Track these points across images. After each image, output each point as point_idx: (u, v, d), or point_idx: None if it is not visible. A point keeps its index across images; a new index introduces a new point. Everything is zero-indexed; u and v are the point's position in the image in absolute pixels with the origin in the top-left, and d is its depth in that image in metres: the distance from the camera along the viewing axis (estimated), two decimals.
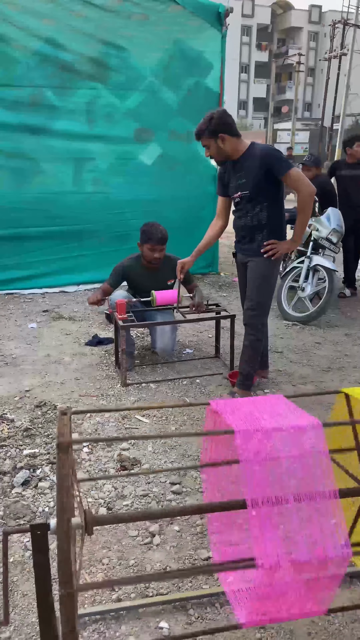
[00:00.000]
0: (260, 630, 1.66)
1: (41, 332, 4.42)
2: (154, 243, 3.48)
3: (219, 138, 2.84)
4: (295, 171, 2.77)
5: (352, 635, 1.64)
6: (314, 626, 1.67)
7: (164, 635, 1.64)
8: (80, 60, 5.47)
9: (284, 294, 4.85)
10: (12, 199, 5.55)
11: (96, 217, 5.89)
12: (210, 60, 5.93)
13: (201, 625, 1.68)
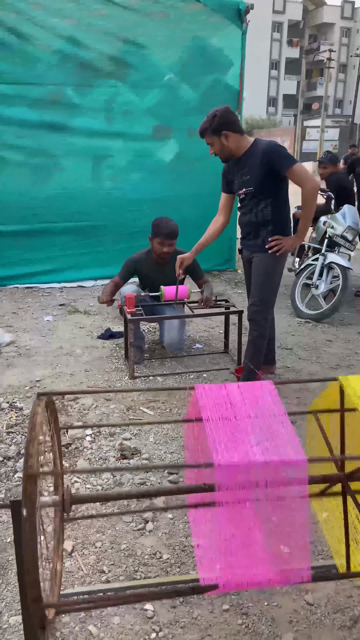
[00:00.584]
0: (243, 616, 1.70)
1: (56, 325, 4.52)
2: (163, 237, 3.53)
3: (222, 135, 2.87)
4: (298, 166, 2.77)
5: (332, 625, 1.66)
6: (295, 614, 1.70)
7: (148, 617, 1.70)
8: (99, 58, 5.55)
9: (298, 291, 4.84)
10: (32, 196, 5.68)
11: (114, 213, 5.97)
12: (230, 57, 5.94)
13: (185, 609, 1.72)
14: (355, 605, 1.73)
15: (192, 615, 1.70)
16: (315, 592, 1.78)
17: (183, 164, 6.08)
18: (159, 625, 1.66)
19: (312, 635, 1.62)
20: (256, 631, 1.64)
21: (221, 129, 2.87)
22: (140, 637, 1.62)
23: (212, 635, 1.63)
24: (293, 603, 1.74)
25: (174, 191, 6.07)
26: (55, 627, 1.65)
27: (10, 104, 5.40)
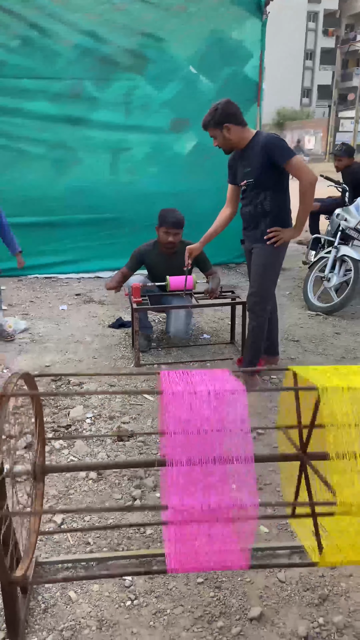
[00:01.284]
0: (215, 589, 1.77)
1: (70, 314, 4.66)
2: (168, 226, 3.60)
3: (224, 128, 2.92)
4: (296, 159, 2.80)
5: (301, 602, 1.72)
6: (266, 590, 1.77)
7: (126, 586, 1.79)
8: (118, 52, 5.64)
9: (311, 283, 4.85)
10: (52, 188, 5.83)
11: (132, 206, 6.06)
12: (249, 49, 5.93)
13: (162, 580, 1.81)
14: (326, 584, 1.79)
15: (167, 586, 1.79)
16: (289, 571, 1.84)
17: (200, 156, 6.11)
18: (135, 594, 1.76)
19: (279, 611, 1.69)
20: (226, 604, 1.72)
21: (223, 121, 2.92)
22: (116, 604, 1.72)
23: (183, 606, 1.71)
24: (265, 579, 1.81)
25: (192, 184, 6.12)
26: (37, 591, 1.76)
27: (32, 99, 5.55)
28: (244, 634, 1.61)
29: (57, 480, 2.35)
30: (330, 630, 1.62)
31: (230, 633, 1.61)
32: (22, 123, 5.57)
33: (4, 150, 5.58)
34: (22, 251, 4.11)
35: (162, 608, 1.70)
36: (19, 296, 5.18)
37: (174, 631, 1.62)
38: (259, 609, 1.68)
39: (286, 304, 5.02)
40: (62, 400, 3.07)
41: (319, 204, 5.58)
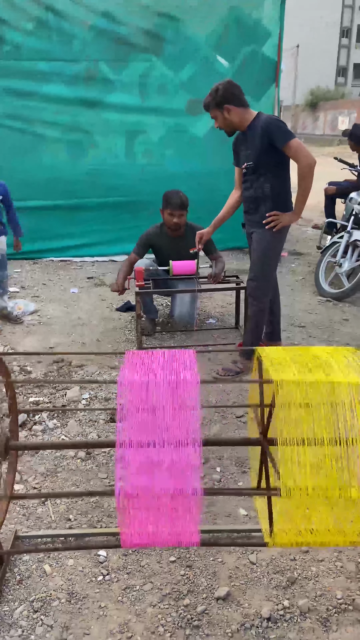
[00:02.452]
0: (186, 568, 1.81)
1: (80, 297, 4.72)
2: (173, 208, 3.60)
3: (224, 109, 2.88)
4: (295, 142, 2.74)
5: (269, 584, 1.74)
6: (236, 571, 1.79)
7: (100, 562, 1.84)
8: (134, 32, 5.57)
9: (322, 269, 4.77)
10: (68, 171, 5.85)
11: (148, 188, 6.02)
12: (268, 28, 5.77)
13: (135, 558, 1.86)
14: (296, 568, 1.80)
15: (140, 563, 1.83)
16: (260, 553, 1.86)
17: (217, 138, 5.97)
18: (108, 569, 1.81)
19: (246, 592, 1.71)
20: (195, 582, 1.75)
21: (224, 102, 2.89)
22: (89, 578, 1.77)
23: (153, 582, 1.75)
24: (237, 561, 1.83)
25: (208, 166, 6.05)
26: (15, 563, 1.83)
27: (48, 81, 5.56)
28: (208, 612, 1.64)
29: (47, 458, 2.42)
30: (294, 613, 1.63)
31: (195, 611, 1.64)
32: (38, 106, 5.59)
33: (20, 133, 5.62)
34: (22, 236, 4.14)
35: (132, 584, 1.75)
36: (32, 279, 5.27)
37: (140, 607, 1.66)
38: (226, 588, 1.70)
39: (298, 289, 4.96)
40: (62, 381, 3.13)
41: (335, 187, 5.46)
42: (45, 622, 1.61)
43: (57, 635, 1.57)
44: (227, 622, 1.61)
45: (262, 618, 1.61)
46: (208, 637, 1.56)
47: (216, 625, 1.60)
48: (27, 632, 1.58)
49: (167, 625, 1.60)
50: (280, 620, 1.61)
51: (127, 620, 1.62)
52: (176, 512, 1.32)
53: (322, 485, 1.23)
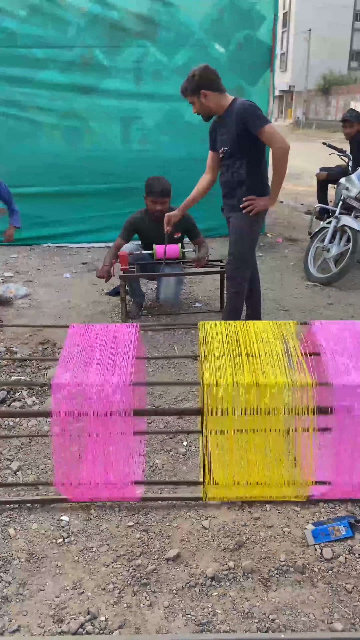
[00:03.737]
0: (142, 532, 1.91)
1: (72, 282, 4.82)
2: (155, 196, 3.66)
3: (201, 95, 2.93)
4: (269, 127, 2.79)
5: (218, 547, 1.83)
6: (189, 535, 1.89)
7: (61, 526, 1.95)
8: (128, 18, 5.60)
9: (311, 254, 4.81)
10: (64, 157, 5.93)
11: (144, 174, 5.99)
12: (262, 12, 5.76)
13: (95, 523, 1.96)
14: (246, 533, 1.89)
15: (99, 527, 1.94)
16: (213, 519, 1.96)
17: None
18: (68, 532, 1.91)
19: (195, 553, 1.81)
20: (149, 545, 1.85)
21: (200, 88, 2.93)
22: (50, 540, 1.88)
23: (109, 545, 1.85)
24: (190, 526, 1.93)
25: (204, 152, 6.02)
26: None
27: (43, 68, 5.62)
28: (157, 571, 1.74)
29: (23, 432, 2.53)
30: (238, 573, 1.73)
31: (145, 570, 1.74)
32: (33, 92, 5.66)
33: (16, 120, 5.70)
34: (19, 228, 4.22)
35: (90, 546, 1.85)
36: (27, 264, 5.37)
37: (94, 566, 1.77)
38: (176, 550, 1.80)
39: (288, 274, 5.01)
40: (45, 362, 3.24)
41: (326, 173, 5.47)
42: (4, 579, 1.72)
43: (13, 590, 1.68)
44: (174, 580, 1.71)
45: (206, 577, 1.71)
46: (154, 594, 1.66)
47: (163, 584, 1.70)
48: None
49: (117, 582, 1.70)
50: (224, 579, 1.71)
51: (80, 578, 1.72)
52: (114, 465, 1.42)
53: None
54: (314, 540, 1.83)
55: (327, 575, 1.72)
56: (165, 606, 1.62)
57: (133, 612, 1.61)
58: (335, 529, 1.86)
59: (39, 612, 1.61)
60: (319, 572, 1.73)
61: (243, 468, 1.44)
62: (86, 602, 1.64)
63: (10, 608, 1.63)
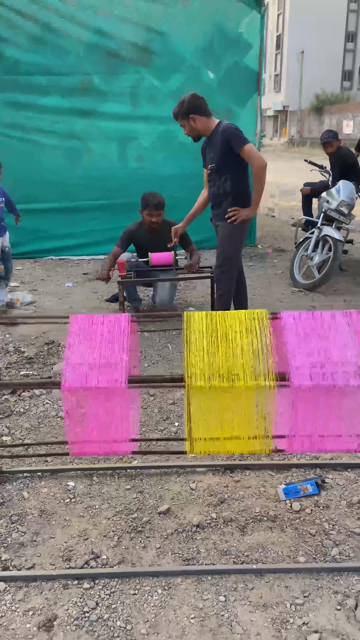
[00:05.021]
0: (138, 493, 2.21)
1: (74, 290, 5.15)
2: (151, 209, 4.02)
3: (190, 119, 3.29)
4: (248, 146, 3.15)
5: (203, 503, 2.13)
6: (178, 495, 2.19)
7: (68, 490, 2.25)
8: (125, 47, 6.02)
9: (297, 262, 5.15)
10: (66, 175, 6.31)
11: (140, 190, 6.40)
12: (249, 41, 6.20)
13: (97, 487, 2.26)
14: (227, 492, 2.19)
15: (101, 490, 2.24)
16: (200, 482, 2.26)
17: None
18: (74, 494, 2.21)
19: (184, 508, 2.11)
20: (143, 502, 2.15)
21: (189, 112, 3.29)
22: (58, 501, 2.18)
23: (109, 503, 2.15)
24: (180, 488, 2.23)
25: (196, 169, 6.41)
26: (0, 490, 2.24)
27: (45, 94, 6.03)
28: (150, 522, 2.04)
29: (32, 417, 2.83)
30: (219, 522, 2.03)
31: (141, 521, 2.04)
32: (36, 116, 6.06)
33: (20, 141, 6.09)
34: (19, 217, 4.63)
35: (93, 504, 2.15)
36: (32, 275, 5.72)
37: (97, 519, 2.07)
38: (167, 505, 2.10)
39: (275, 281, 5.35)
40: (50, 359, 3.55)
41: (309, 188, 5.85)
42: (20, 530, 2.02)
43: (28, 538, 1.98)
44: (165, 528, 2.01)
45: (192, 525, 2.01)
46: (148, 539, 1.96)
47: (155, 531, 2.00)
48: (4, 536, 1.99)
49: (116, 531, 2.00)
50: (207, 527, 2.01)
51: (85, 529, 2.02)
52: (113, 426, 1.73)
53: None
54: (285, 497, 2.14)
55: (294, 523, 2.02)
56: (157, 547, 1.92)
57: (130, 552, 1.90)
58: (304, 487, 2.17)
59: (50, 554, 1.91)
60: (288, 520, 2.03)
61: (218, 425, 1.75)
62: (90, 545, 1.94)
63: (26, 551, 1.92)
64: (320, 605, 1.68)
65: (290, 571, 1.79)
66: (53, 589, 1.76)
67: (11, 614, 1.68)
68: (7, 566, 1.86)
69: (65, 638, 1.59)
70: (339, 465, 2.35)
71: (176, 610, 1.67)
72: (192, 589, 1.74)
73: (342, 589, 1.74)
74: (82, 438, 1.77)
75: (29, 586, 1.77)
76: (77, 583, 1.77)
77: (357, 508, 2.10)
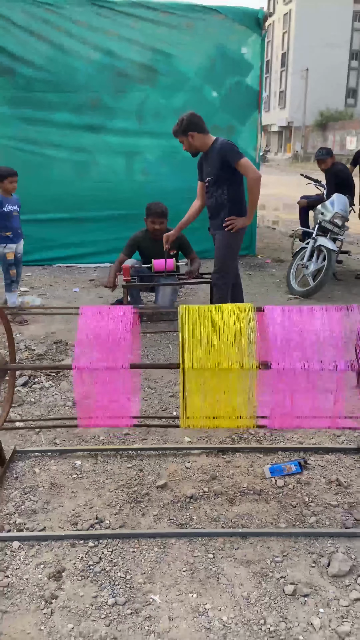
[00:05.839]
0: (139, 471, 2.44)
1: (80, 295, 5.42)
2: (154, 217, 4.30)
3: (188, 136, 3.57)
4: (244, 160, 3.42)
5: (196, 479, 2.37)
6: (174, 473, 2.42)
7: (75, 467, 2.49)
8: (132, 66, 6.36)
9: (293, 270, 5.41)
10: (74, 187, 6.62)
11: (146, 202, 6.73)
12: (250, 61, 6.53)
13: (102, 465, 2.50)
14: (219, 470, 2.43)
15: (105, 468, 2.48)
16: (194, 462, 2.49)
17: None
18: (81, 471, 2.45)
19: (179, 483, 2.35)
20: (143, 479, 2.39)
21: (187, 130, 3.58)
22: (66, 476, 2.42)
23: (112, 479, 2.39)
24: (176, 467, 2.47)
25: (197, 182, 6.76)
26: (12, 467, 2.48)
27: (56, 110, 6.35)
28: (149, 494, 2.28)
29: (42, 406, 3.08)
30: (210, 494, 2.26)
31: (140, 494, 2.28)
32: (47, 131, 6.38)
33: (31, 154, 6.40)
34: None
35: (97, 479, 2.39)
36: (40, 280, 5.99)
37: (101, 492, 2.30)
38: (164, 480, 2.34)
39: (273, 289, 5.60)
40: (59, 356, 3.81)
41: (306, 201, 6.13)
42: (32, 499, 2.26)
43: (40, 506, 2.22)
44: (162, 499, 2.24)
45: (186, 497, 2.24)
46: (146, 507, 2.20)
47: (153, 502, 2.23)
48: (18, 504, 2.23)
49: (118, 501, 2.24)
50: (199, 498, 2.24)
51: (90, 499, 2.26)
52: (117, 403, 1.98)
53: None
54: (271, 475, 2.37)
55: (278, 496, 2.25)
56: (154, 515, 2.15)
57: (130, 518, 2.14)
58: (288, 467, 2.40)
59: (59, 519, 2.14)
60: (272, 494, 2.26)
61: (209, 404, 1.99)
62: (95, 512, 2.17)
63: (38, 517, 2.16)
64: (297, 563, 1.91)
65: (272, 535, 2.02)
66: (62, 547, 1.99)
67: (25, 566, 1.91)
68: (21, 529, 2.09)
69: (72, 586, 1.82)
70: (321, 449, 2.58)
71: (170, 565, 1.90)
72: (184, 548, 1.97)
73: (317, 550, 1.96)
74: (89, 414, 2.01)
75: (40, 545, 2.01)
76: (83, 542, 2.01)
77: (335, 485, 2.33)
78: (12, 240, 4.49)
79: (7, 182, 4.38)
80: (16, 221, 4.51)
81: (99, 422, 2.03)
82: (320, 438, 2.73)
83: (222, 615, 1.70)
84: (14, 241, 4.52)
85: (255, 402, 1.99)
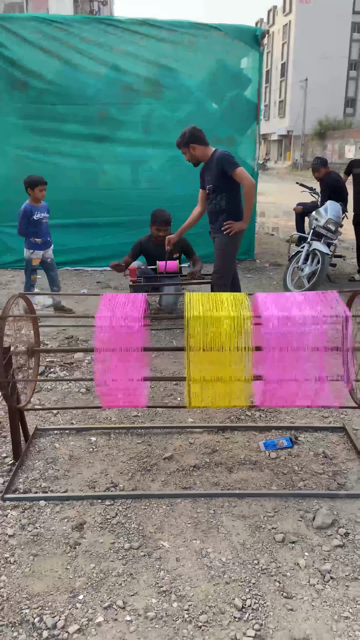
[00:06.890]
0: (147, 446, 2.74)
1: (88, 296, 5.74)
2: (159, 224, 4.63)
3: (190, 147, 3.91)
4: (239, 170, 3.75)
5: (198, 452, 2.67)
6: (180, 448, 2.72)
7: (91, 443, 2.80)
8: (138, 81, 6.73)
9: (289, 273, 5.73)
10: (83, 194, 6.96)
11: (150, 209, 7.05)
12: (249, 76, 6.90)
13: (115, 441, 2.81)
14: (219, 445, 2.73)
15: (117, 443, 2.78)
16: (197, 439, 2.80)
17: None
18: (96, 446, 2.76)
19: (184, 455, 2.65)
20: (152, 452, 2.69)
21: (189, 142, 3.92)
22: (84, 450, 2.72)
23: (124, 452, 2.70)
24: (181, 443, 2.77)
25: None
26: (34, 442, 2.79)
27: (66, 121, 6.71)
28: (157, 464, 2.58)
29: (59, 392, 3.39)
30: (211, 464, 2.57)
31: (149, 464, 2.58)
32: (57, 141, 6.73)
33: (42, 164, 6.74)
34: None
35: (111, 452, 2.69)
36: None
37: (115, 462, 2.61)
38: (170, 453, 2.65)
39: (270, 291, 5.92)
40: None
41: (302, 207, 6.46)
42: (54, 468, 2.56)
43: (61, 474, 2.52)
44: (168, 468, 2.54)
45: (189, 466, 2.55)
46: (155, 474, 2.50)
47: (161, 470, 2.53)
48: (42, 472, 2.53)
49: (130, 470, 2.54)
50: (202, 467, 2.54)
51: (105, 468, 2.56)
52: (134, 389, 2.29)
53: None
54: (265, 448, 2.67)
55: (271, 465, 2.55)
56: (162, 480, 2.46)
57: (141, 483, 2.44)
58: (280, 442, 2.71)
59: (79, 484, 2.45)
60: (265, 464, 2.57)
61: (210, 385, 2.30)
62: (110, 478, 2.47)
63: (60, 482, 2.46)
64: (287, 518, 2.21)
65: (265, 495, 2.32)
66: (82, 505, 2.29)
67: (51, 520, 2.21)
68: (45, 491, 2.40)
69: (92, 535, 2.12)
70: (310, 428, 2.89)
71: (176, 519, 2.20)
72: (189, 506, 2.27)
73: (304, 507, 2.27)
74: (107, 393, 2.31)
75: (63, 503, 2.31)
76: (101, 502, 2.31)
77: (322, 457, 2.63)
78: (40, 246, 4.82)
79: (37, 191, 4.71)
80: (45, 228, 4.84)
81: (118, 403, 2.34)
82: (310, 419, 3.04)
83: (221, 557, 2.00)
84: (42, 248, 4.84)
85: (250, 381, 2.29)
